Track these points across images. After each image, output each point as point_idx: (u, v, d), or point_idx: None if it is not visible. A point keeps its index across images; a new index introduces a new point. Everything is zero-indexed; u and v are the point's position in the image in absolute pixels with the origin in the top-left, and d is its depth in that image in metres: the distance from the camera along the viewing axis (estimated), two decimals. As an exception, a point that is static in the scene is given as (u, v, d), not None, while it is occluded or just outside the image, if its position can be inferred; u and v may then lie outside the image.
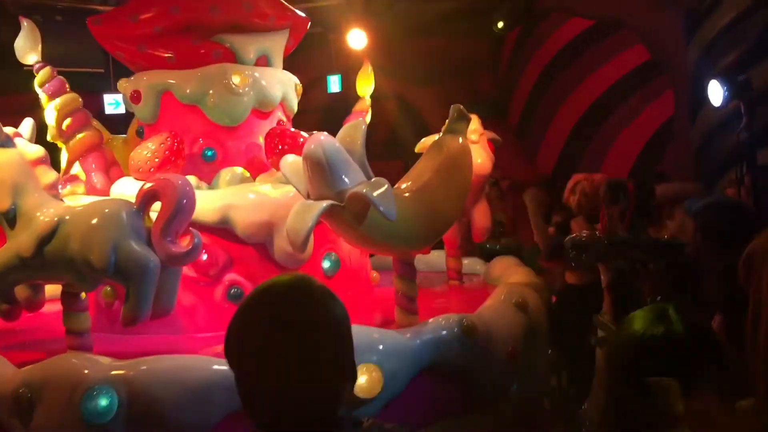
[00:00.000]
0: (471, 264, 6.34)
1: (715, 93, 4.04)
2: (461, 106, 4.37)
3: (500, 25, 10.68)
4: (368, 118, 5.89)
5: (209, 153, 5.04)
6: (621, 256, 3.94)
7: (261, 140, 5.12)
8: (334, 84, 10.49)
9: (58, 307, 4.12)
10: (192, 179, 4.54)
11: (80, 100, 5.19)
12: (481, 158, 5.45)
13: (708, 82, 4.11)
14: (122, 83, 5.30)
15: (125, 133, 5.70)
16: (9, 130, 4.38)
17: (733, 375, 1.84)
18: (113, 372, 3.35)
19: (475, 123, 5.33)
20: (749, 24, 6.88)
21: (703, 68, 7.36)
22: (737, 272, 1.88)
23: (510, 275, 5.37)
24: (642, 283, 3.65)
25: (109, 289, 4.61)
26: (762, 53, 6.21)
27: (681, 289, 3.60)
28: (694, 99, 8.06)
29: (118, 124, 6.78)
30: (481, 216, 5.82)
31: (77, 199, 4.73)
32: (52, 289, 4.47)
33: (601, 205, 4.85)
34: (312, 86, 9.19)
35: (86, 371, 3.36)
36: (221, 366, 3.39)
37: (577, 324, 4.87)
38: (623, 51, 10.41)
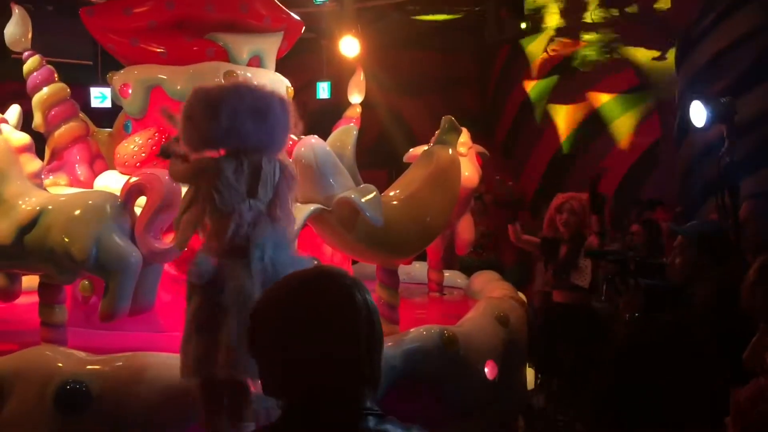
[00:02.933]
0: (451, 277, 6.32)
1: (698, 114, 4.03)
2: (452, 118, 4.38)
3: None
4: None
5: (197, 150, 4.97)
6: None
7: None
8: (323, 90, 10.46)
9: (33, 298, 4.05)
10: (178, 176, 4.48)
11: (68, 90, 5.12)
12: (468, 171, 5.45)
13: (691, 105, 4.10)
14: (112, 76, 5.24)
15: (111, 128, 5.62)
16: (-5, 116, 4.32)
17: None
18: (88, 367, 3.30)
19: (464, 136, 5.33)
20: (739, 53, 6.96)
21: (691, 95, 7.43)
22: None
23: (491, 289, 5.35)
24: (618, 298, 3.69)
25: (87, 282, 4.53)
26: (750, 82, 6.28)
27: (655, 308, 3.64)
28: (680, 125, 8.14)
29: (103, 117, 6.68)
30: (465, 229, 5.83)
31: (60, 189, 4.65)
32: (29, 281, 4.39)
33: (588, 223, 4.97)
34: (302, 91, 9.16)
35: (60, 364, 3.30)
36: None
37: (563, 343, 4.89)
38: (612, 74, 10.51)
